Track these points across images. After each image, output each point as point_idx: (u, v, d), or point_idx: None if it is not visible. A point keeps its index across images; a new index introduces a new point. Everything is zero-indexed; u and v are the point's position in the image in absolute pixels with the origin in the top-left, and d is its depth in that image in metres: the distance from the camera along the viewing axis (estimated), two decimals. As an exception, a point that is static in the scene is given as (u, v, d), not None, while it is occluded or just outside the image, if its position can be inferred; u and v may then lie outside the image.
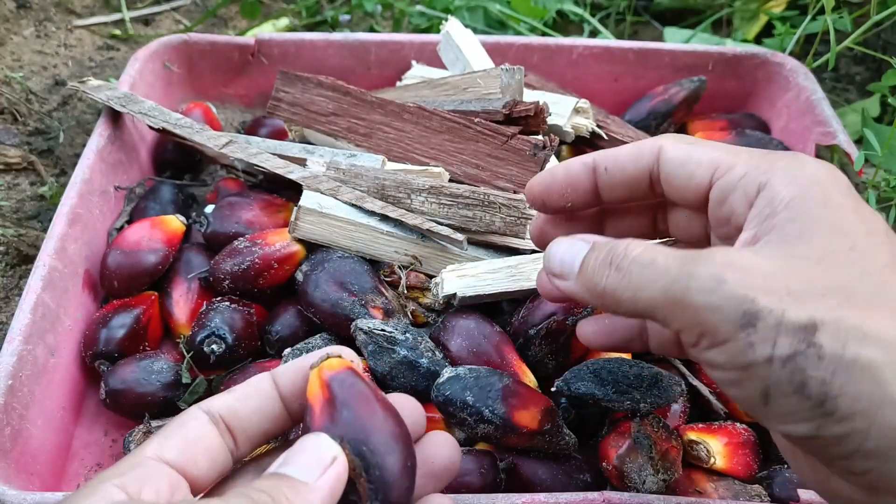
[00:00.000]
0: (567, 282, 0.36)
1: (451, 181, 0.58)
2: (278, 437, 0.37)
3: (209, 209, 0.63)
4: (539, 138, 0.57)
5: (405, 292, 0.55)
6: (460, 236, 0.53)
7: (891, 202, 0.66)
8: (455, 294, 0.52)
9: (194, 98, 0.75)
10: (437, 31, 0.75)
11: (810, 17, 0.78)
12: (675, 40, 0.88)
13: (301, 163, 0.60)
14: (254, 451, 0.35)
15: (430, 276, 0.55)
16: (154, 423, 0.52)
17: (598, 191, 0.39)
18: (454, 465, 0.35)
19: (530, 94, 0.65)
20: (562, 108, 0.64)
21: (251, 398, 0.34)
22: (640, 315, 0.33)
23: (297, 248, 0.56)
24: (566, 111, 0.64)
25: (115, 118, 0.66)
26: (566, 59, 0.76)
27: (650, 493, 0.45)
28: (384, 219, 0.55)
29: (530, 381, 0.50)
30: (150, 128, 0.64)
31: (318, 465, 0.30)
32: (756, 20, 0.92)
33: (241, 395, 0.34)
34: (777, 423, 0.30)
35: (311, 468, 0.30)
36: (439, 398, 0.46)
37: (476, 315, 0.52)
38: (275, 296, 0.57)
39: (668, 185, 0.37)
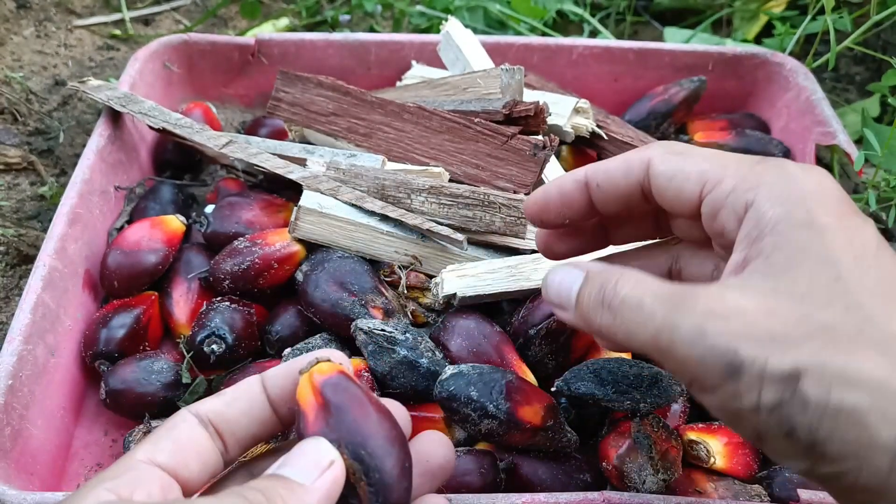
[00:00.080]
0: (566, 313, 0.36)
1: (451, 181, 0.58)
2: (277, 437, 0.37)
3: (209, 209, 0.63)
4: (539, 138, 0.57)
5: (405, 292, 0.55)
6: (460, 236, 0.53)
7: (891, 202, 0.66)
8: (455, 294, 0.52)
9: (194, 98, 0.75)
10: (437, 31, 0.75)
11: (810, 17, 0.78)
12: (675, 40, 0.88)
13: (301, 163, 0.60)
14: (247, 453, 0.35)
15: (430, 276, 0.55)
16: (154, 423, 0.51)
17: (594, 205, 0.39)
18: (449, 463, 0.36)
19: (530, 94, 0.65)
20: (562, 108, 0.64)
21: (240, 402, 0.34)
22: (639, 352, 0.33)
23: (297, 248, 0.56)
24: (566, 111, 0.64)
25: (115, 118, 0.66)
26: (566, 59, 0.76)
27: (650, 493, 0.45)
28: (384, 219, 0.55)
29: (530, 380, 0.50)
30: (150, 128, 0.64)
31: (316, 467, 0.30)
32: (756, 20, 0.92)
33: (229, 398, 0.34)
34: (774, 458, 0.31)
35: (308, 470, 0.30)
36: (443, 394, 0.46)
37: (476, 315, 0.52)
38: (275, 296, 0.57)
39: (660, 198, 0.37)
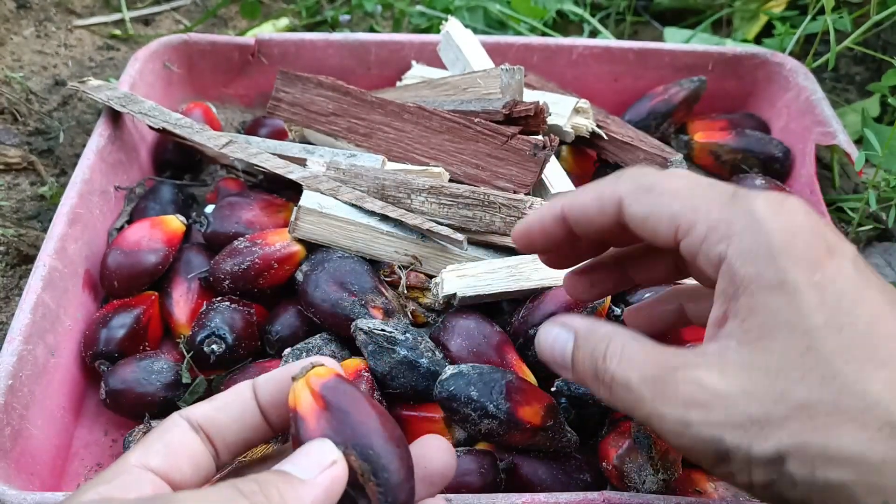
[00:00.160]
0: (566, 372, 0.37)
1: (451, 181, 0.58)
2: (277, 438, 0.37)
3: (209, 209, 0.63)
4: (539, 138, 0.57)
5: (405, 292, 0.55)
6: (460, 236, 0.53)
7: (891, 202, 0.66)
8: (455, 294, 0.52)
9: (194, 98, 0.75)
10: (437, 31, 0.75)
11: (810, 17, 0.78)
12: (675, 40, 0.88)
13: (301, 163, 0.60)
14: (244, 455, 0.34)
15: (430, 276, 0.55)
16: (154, 423, 0.51)
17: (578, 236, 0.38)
18: (449, 470, 0.35)
19: (530, 94, 0.65)
20: (562, 108, 0.64)
21: (230, 407, 0.33)
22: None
23: (297, 248, 0.56)
24: (566, 111, 0.64)
25: (115, 118, 0.66)
26: (566, 59, 0.76)
27: (650, 492, 0.45)
28: (384, 219, 0.55)
29: (530, 380, 0.50)
30: (150, 128, 0.64)
31: (318, 465, 0.30)
32: (756, 20, 0.92)
33: (220, 403, 0.34)
34: None
35: (309, 468, 0.30)
36: (443, 394, 0.46)
37: (476, 315, 0.52)
38: (275, 296, 0.57)
39: (641, 237, 0.36)
